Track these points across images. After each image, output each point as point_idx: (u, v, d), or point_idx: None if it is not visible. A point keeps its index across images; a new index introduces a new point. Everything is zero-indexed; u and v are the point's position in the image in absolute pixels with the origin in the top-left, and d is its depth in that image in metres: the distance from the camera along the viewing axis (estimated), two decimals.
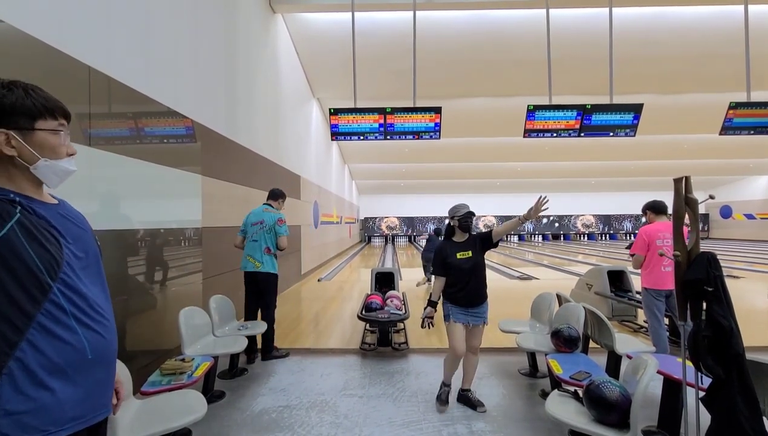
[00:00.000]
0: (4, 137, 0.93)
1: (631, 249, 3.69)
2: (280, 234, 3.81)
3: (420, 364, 3.81)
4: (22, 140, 0.95)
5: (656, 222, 3.63)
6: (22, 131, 0.95)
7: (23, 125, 0.95)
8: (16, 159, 0.95)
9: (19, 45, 2.17)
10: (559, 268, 11.92)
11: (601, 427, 1.94)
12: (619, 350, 2.90)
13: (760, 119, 5.30)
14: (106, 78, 2.79)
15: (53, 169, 1.00)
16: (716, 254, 1.91)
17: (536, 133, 5.47)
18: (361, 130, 5.48)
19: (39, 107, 0.98)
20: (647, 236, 3.54)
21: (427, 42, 6.51)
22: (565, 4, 6.46)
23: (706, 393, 1.84)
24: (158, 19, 3.50)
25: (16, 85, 0.96)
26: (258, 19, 6.16)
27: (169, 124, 3.62)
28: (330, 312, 5.93)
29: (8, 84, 0.96)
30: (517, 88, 9.32)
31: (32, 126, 0.97)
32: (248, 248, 3.84)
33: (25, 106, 0.96)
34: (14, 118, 0.94)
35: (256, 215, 3.91)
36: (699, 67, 8.46)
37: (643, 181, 22.71)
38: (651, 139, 13.84)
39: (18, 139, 0.94)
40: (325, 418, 2.82)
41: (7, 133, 0.93)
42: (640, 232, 3.64)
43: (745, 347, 1.80)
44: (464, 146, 15.01)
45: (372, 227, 26.58)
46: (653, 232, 3.54)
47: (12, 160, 0.94)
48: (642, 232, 3.61)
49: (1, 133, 0.92)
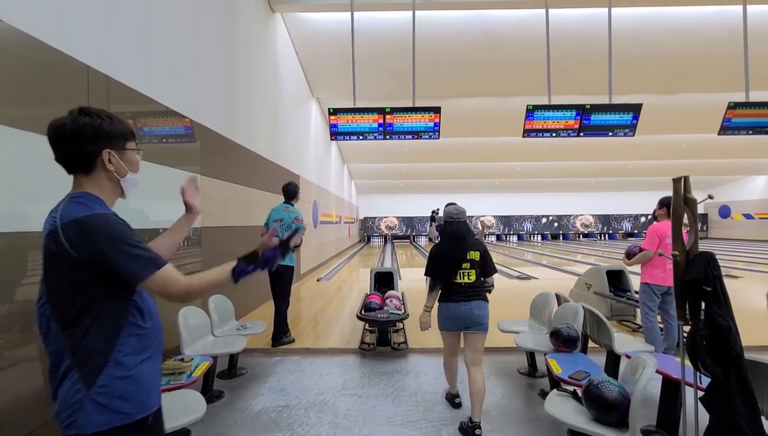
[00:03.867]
0: (107, 155, 1.13)
1: (642, 244, 3.76)
2: None
3: (419, 364, 3.81)
4: (122, 159, 1.17)
5: (666, 221, 3.70)
6: (118, 151, 1.16)
7: (119, 146, 1.16)
8: (112, 173, 1.16)
9: (18, 44, 2.17)
10: (558, 268, 11.93)
11: (600, 426, 1.94)
12: (618, 349, 2.90)
13: (759, 119, 5.31)
14: (105, 77, 2.78)
15: (133, 181, 1.23)
16: (715, 254, 1.91)
17: (535, 133, 5.47)
18: (360, 130, 5.47)
19: (126, 132, 1.19)
20: (660, 234, 3.62)
21: (426, 42, 6.51)
22: (564, 4, 6.46)
23: (705, 393, 1.84)
24: (157, 18, 3.50)
25: (96, 111, 1.14)
26: (257, 19, 6.16)
27: (168, 123, 3.62)
28: (329, 312, 5.92)
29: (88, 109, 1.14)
30: (517, 88, 9.32)
31: (124, 146, 1.18)
32: None
33: (119, 131, 1.17)
34: (113, 141, 1.15)
35: (277, 213, 4.35)
36: (698, 67, 8.47)
37: (642, 181, 22.74)
38: (650, 139, 13.86)
39: (116, 157, 1.15)
40: (325, 418, 2.82)
41: (110, 152, 1.14)
42: (652, 229, 3.71)
43: (744, 346, 1.80)
44: (463, 146, 15.01)
45: (371, 226, 26.58)
46: (664, 231, 3.62)
47: (108, 174, 1.15)
48: (654, 230, 3.68)
49: (106, 152, 1.13)
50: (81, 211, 1.06)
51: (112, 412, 1.06)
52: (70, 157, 1.13)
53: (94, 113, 1.13)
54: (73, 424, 1.05)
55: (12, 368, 2.14)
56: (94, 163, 1.13)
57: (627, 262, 4.06)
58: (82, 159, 1.12)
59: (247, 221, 5.39)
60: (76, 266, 1.03)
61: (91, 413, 1.05)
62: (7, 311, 2.11)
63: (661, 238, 3.60)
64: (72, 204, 1.08)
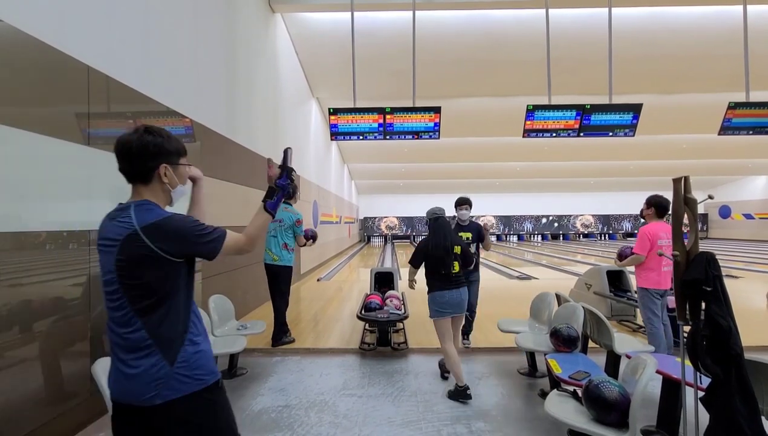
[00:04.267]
0: (164, 169, 1.32)
1: (634, 249, 3.63)
2: (298, 234, 4.34)
3: (419, 364, 3.81)
4: (175, 173, 1.36)
5: (654, 223, 3.60)
6: (172, 166, 1.34)
7: (173, 161, 1.35)
8: (166, 185, 1.34)
9: (19, 44, 2.17)
10: (558, 268, 11.93)
11: (600, 427, 1.94)
12: (618, 349, 2.90)
13: (759, 119, 5.30)
14: (105, 77, 2.78)
15: (181, 192, 1.41)
16: (715, 254, 1.91)
17: (536, 133, 5.47)
18: (360, 130, 5.47)
19: (181, 149, 1.39)
20: (651, 236, 3.50)
21: (426, 42, 6.51)
22: (564, 4, 6.46)
23: (705, 393, 1.84)
24: (157, 18, 3.50)
25: (157, 131, 1.33)
26: (257, 19, 6.16)
27: (168, 123, 3.62)
28: (329, 312, 5.92)
29: (151, 128, 1.32)
30: (517, 88, 9.32)
31: (177, 161, 1.37)
32: (267, 242, 4.29)
33: (175, 148, 1.36)
34: (169, 157, 1.34)
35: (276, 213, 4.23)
36: (698, 67, 8.47)
37: (642, 181, 22.72)
38: (650, 139, 13.85)
39: (170, 171, 1.34)
40: (325, 418, 2.82)
41: (166, 166, 1.32)
42: (643, 232, 3.57)
43: (744, 346, 1.80)
44: (463, 146, 15.01)
45: (371, 226, 26.58)
46: (656, 232, 3.51)
47: (162, 186, 1.34)
48: (645, 232, 3.55)
49: (163, 167, 1.31)
50: (154, 216, 1.26)
51: (194, 379, 1.27)
52: (134, 170, 1.32)
53: (156, 132, 1.32)
54: (158, 395, 1.22)
55: (12, 368, 2.14)
56: (153, 175, 1.32)
57: (618, 263, 3.99)
58: (143, 172, 1.31)
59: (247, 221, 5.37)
60: (160, 261, 1.23)
61: (176, 383, 1.24)
62: (7, 311, 2.11)
63: (653, 240, 3.47)
64: (142, 211, 1.27)
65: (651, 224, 3.61)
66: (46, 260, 2.37)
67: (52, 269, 2.43)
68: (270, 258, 4.28)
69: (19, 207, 2.19)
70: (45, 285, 2.37)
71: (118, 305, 1.23)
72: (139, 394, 1.22)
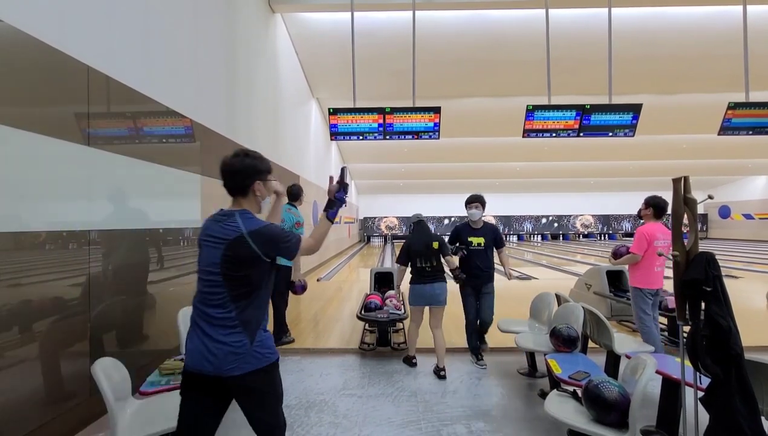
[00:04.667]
0: (258, 185, 1.68)
1: (631, 248, 3.67)
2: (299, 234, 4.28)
3: (419, 363, 3.81)
4: (265, 187, 1.71)
5: (652, 223, 3.63)
6: (264, 181, 1.70)
7: (264, 178, 1.70)
8: (258, 197, 1.70)
9: (18, 44, 2.17)
10: (558, 268, 11.94)
11: (600, 427, 1.94)
12: (618, 349, 2.90)
13: (759, 119, 5.30)
14: (105, 77, 2.78)
15: (267, 202, 1.78)
16: (715, 254, 1.91)
17: (535, 133, 5.47)
18: (360, 130, 5.47)
19: (269, 168, 1.74)
20: (648, 236, 3.53)
21: (426, 42, 6.51)
22: (564, 4, 6.46)
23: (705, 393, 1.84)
24: (157, 18, 3.50)
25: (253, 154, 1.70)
26: (257, 19, 6.16)
27: (168, 123, 3.62)
28: (329, 312, 5.92)
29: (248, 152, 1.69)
30: (516, 88, 9.32)
31: (267, 178, 1.71)
32: None
33: (266, 167, 1.72)
34: (262, 175, 1.69)
35: None
36: (698, 67, 8.47)
37: (642, 182, 22.71)
38: (650, 139, 13.85)
39: (262, 186, 1.69)
40: (324, 418, 2.82)
41: (259, 183, 1.68)
42: (641, 232, 3.61)
43: (744, 346, 1.80)
44: (463, 146, 15.01)
45: (371, 226, 26.58)
46: (652, 233, 3.55)
47: (256, 198, 1.70)
48: (642, 232, 3.59)
49: (257, 183, 1.67)
50: (256, 224, 1.61)
51: (264, 356, 1.59)
52: (237, 186, 1.67)
53: (252, 156, 1.69)
54: (237, 368, 1.52)
55: (12, 368, 2.14)
56: (249, 190, 1.67)
57: (613, 261, 4.02)
58: (244, 187, 1.67)
59: None
60: (258, 260, 1.57)
61: (252, 359, 1.55)
62: (7, 311, 2.10)
63: (650, 240, 3.51)
64: (246, 218, 1.61)
65: (648, 225, 3.64)
66: (46, 260, 2.37)
67: (52, 269, 2.43)
68: None
69: (19, 207, 2.19)
70: (45, 285, 2.37)
71: (216, 290, 1.55)
72: (220, 366, 1.50)
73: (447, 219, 27.04)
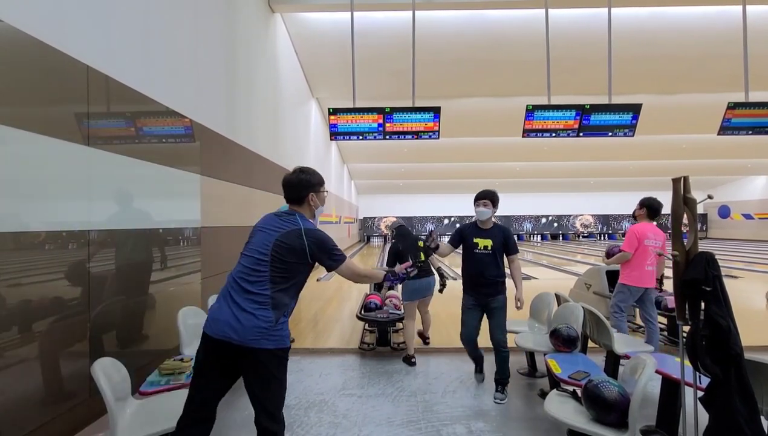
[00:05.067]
0: (312, 196, 2.00)
1: (622, 246, 3.78)
2: None
3: (419, 363, 3.81)
4: (317, 197, 2.03)
5: (644, 223, 3.72)
6: (318, 193, 2.03)
7: (319, 190, 2.04)
8: (312, 207, 2.02)
9: (18, 44, 2.17)
10: (557, 268, 11.94)
11: (600, 426, 1.94)
12: (618, 349, 2.91)
13: (759, 119, 5.30)
14: (105, 77, 2.78)
15: (320, 211, 2.09)
16: (714, 254, 1.91)
17: (535, 133, 5.47)
18: (360, 130, 5.47)
19: (322, 182, 2.07)
20: (639, 235, 3.63)
21: (426, 42, 6.50)
22: (564, 4, 6.45)
23: (705, 393, 1.84)
24: (157, 18, 3.49)
25: (308, 170, 2.03)
26: (257, 19, 6.16)
27: (167, 123, 3.61)
28: (329, 312, 5.92)
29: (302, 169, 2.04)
30: (516, 88, 9.32)
31: (321, 190, 2.05)
32: None
33: (319, 182, 2.05)
34: (316, 187, 2.02)
35: None
36: (697, 67, 8.47)
37: (641, 181, 22.73)
38: (650, 139, 13.85)
39: (315, 197, 2.02)
40: (324, 418, 2.82)
41: (313, 194, 2.00)
42: (631, 231, 3.72)
43: (744, 346, 1.80)
44: (463, 146, 15.01)
45: (371, 226, 26.57)
46: (643, 232, 3.64)
47: (310, 207, 2.02)
48: (633, 231, 3.69)
49: (311, 195, 2.00)
50: (311, 225, 1.94)
51: (282, 338, 1.79)
52: (294, 197, 1.99)
53: (308, 172, 2.02)
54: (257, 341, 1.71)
55: (11, 368, 2.14)
56: (305, 200, 2.00)
57: (606, 261, 4.09)
58: (300, 198, 1.99)
59: (247, 221, 5.39)
60: (304, 255, 1.87)
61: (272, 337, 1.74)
62: (7, 311, 2.10)
63: (640, 239, 3.61)
64: (305, 220, 1.94)
65: (640, 224, 3.73)
66: (45, 260, 2.37)
67: (51, 269, 2.42)
68: None
69: (18, 207, 2.19)
70: (45, 285, 2.37)
71: (260, 269, 1.80)
72: (245, 335, 1.70)
73: (447, 219, 27.05)
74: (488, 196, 3.24)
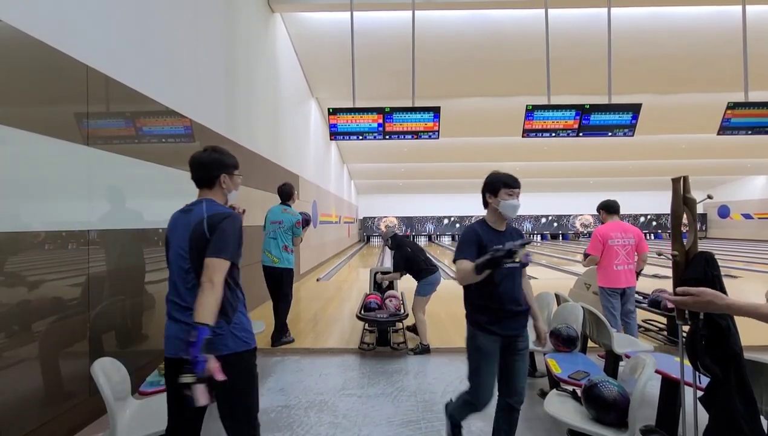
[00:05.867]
0: (224, 178, 1.74)
1: (587, 249, 3.81)
2: (297, 235, 4.30)
3: (419, 363, 3.81)
4: (231, 180, 1.78)
5: (609, 222, 3.76)
6: (231, 176, 1.78)
7: (233, 173, 1.79)
8: (224, 190, 1.77)
9: (17, 44, 2.17)
10: (557, 267, 11.94)
11: (600, 426, 1.94)
12: (618, 349, 2.91)
13: (758, 119, 5.31)
14: (104, 77, 2.78)
15: (234, 196, 1.84)
16: (714, 254, 1.91)
17: (535, 133, 5.47)
18: (360, 129, 5.47)
19: (236, 163, 1.82)
20: (601, 237, 3.66)
21: (426, 42, 6.51)
22: (564, 4, 6.46)
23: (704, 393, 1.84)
24: (157, 18, 3.49)
25: (220, 149, 1.78)
26: (257, 19, 6.15)
27: (167, 123, 3.61)
28: (329, 312, 5.92)
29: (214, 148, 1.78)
30: (516, 88, 9.32)
31: (235, 173, 1.80)
32: (266, 243, 4.24)
33: (232, 163, 1.79)
34: (228, 169, 1.76)
35: (275, 214, 4.31)
36: (697, 67, 8.47)
37: (641, 181, 22.74)
38: (649, 139, 13.86)
39: (228, 179, 1.76)
40: (324, 418, 2.82)
41: (225, 176, 1.74)
42: (594, 233, 3.76)
43: (744, 346, 1.80)
44: (463, 146, 15.01)
45: (371, 226, 26.57)
46: (606, 232, 3.66)
47: (222, 190, 1.76)
48: (596, 233, 3.73)
49: (223, 176, 1.74)
50: (221, 209, 1.67)
51: (242, 341, 1.61)
52: (202, 178, 1.74)
53: (220, 151, 1.77)
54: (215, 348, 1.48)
55: (12, 368, 2.14)
56: (215, 182, 1.74)
57: (583, 263, 4.10)
58: (209, 180, 1.73)
59: (247, 221, 5.36)
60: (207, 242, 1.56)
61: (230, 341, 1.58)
62: (7, 311, 2.10)
63: (603, 240, 3.64)
64: (213, 205, 1.68)
65: (604, 225, 3.78)
66: (45, 259, 2.37)
67: (51, 269, 2.42)
68: (269, 260, 4.19)
69: (18, 207, 2.19)
70: (44, 285, 2.37)
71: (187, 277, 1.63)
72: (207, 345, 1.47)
73: (447, 219, 27.04)
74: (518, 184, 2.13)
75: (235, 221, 1.63)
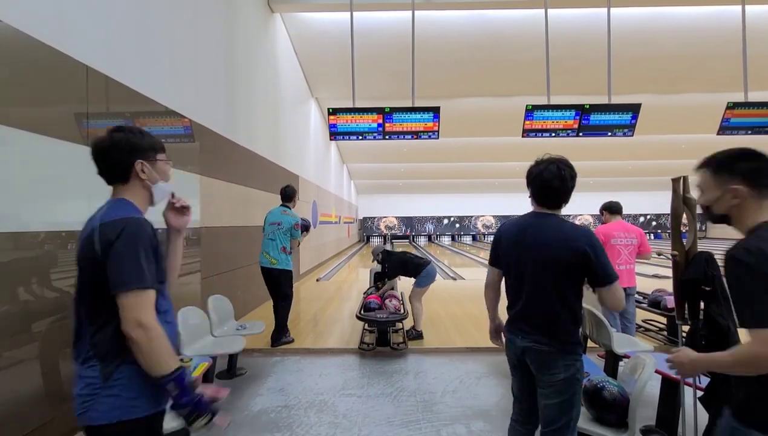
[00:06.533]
0: (140, 166, 1.26)
1: None
2: (295, 237, 4.30)
3: (418, 363, 3.82)
4: (153, 167, 1.29)
5: (611, 222, 3.79)
6: (149, 162, 1.28)
7: (150, 157, 1.29)
8: (145, 181, 1.28)
9: (17, 44, 2.17)
10: None
11: (600, 426, 1.95)
12: (618, 349, 2.91)
13: (758, 119, 5.31)
14: (104, 77, 2.78)
15: (164, 189, 1.34)
16: (714, 254, 1.91)
17: (535, 133, 5.47)
18: (359, 130, 5.47)
19: (156, 145, 1.32)
20: (604, 236, 3.68)
21: (426, 42, 6.50)
22: (563, 4, 6.46)
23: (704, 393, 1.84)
24: (157, 18, 3.49)
25: (129, 128, 1.29)
26: (256, 19, 6.16)
27: (167, 123, 3.61)
28: (328, 312, 5.92)
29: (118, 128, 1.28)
30: (516, 88, 9.32)
31: (155, 158, 1.30)
32: (264, 244, 4.23)
33: (149, 144, 1.29)
34: (145, 153, 1.28)
35: (274, 216, 4.32)
36: (697, 67, 8.47)
37: (641, 181, 22.74)
38: (649, 139, 13.86)
39: (148, 167, 1.28)
40: (324, 418, 2.82)
41: (142, 163, 1.26)
42: (596, 231, 3.72)
43: None
44: (463, 146, 15.01)
45: (371, 226, 26.58)
46: (609, 231, 3.69)
47: (142, 183, 1.28)
48: (598, 231, 3.72)
49: (139, 163, 1.26)
50: (124, 214, 1.19)
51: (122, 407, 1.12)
52: (109, 168, 1.28)
53: (127, 129, 1.29)
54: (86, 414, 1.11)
55: (12, 368, 2.14)
56: (130, 173, 1.27)
57: None
58: (119, 170, 1.27)
59: (247, 221, 5.39)
60: (98, 264, 1.12)
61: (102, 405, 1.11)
62: (7, 311, 2.10)
63: (605, 239, 3.65)
64: (118, 209, 1.22)
65: (606, 224, 3.83)
66: (45, 259, 2.37)
67: (51, 269, 2.42)
68: (267, 262, 4.19)
69: (18, 207, 2.19)
70: (44, 285, 2.37)
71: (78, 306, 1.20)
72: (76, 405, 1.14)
73: (446, 219, 27.05)
74: None
75: (136, 229, 1.16)
